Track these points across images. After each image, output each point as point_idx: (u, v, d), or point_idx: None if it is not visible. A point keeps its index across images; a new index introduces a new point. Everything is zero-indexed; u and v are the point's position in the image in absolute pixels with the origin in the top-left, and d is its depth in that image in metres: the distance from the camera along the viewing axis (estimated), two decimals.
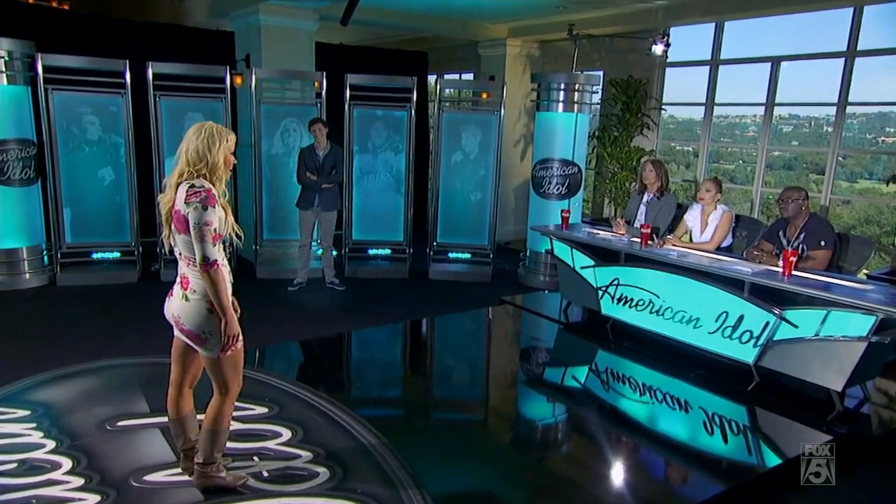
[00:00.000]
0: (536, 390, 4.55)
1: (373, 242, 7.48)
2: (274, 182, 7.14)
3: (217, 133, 2.59)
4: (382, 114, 7.26)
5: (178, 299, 2.67)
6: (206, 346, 2.67)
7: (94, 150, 6.53)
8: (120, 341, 4.95)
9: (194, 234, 2.51)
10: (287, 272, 6.90)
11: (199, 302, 2.63)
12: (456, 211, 7.40)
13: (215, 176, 2.59)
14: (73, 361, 4.42)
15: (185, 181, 2.56)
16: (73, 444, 3.35)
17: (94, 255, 6.73)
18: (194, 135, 2.57)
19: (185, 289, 2.65)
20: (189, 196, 2.52)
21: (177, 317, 2.68)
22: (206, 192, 2.54)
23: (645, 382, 4.46)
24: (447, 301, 6.47)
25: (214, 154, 2.57)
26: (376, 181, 7.35)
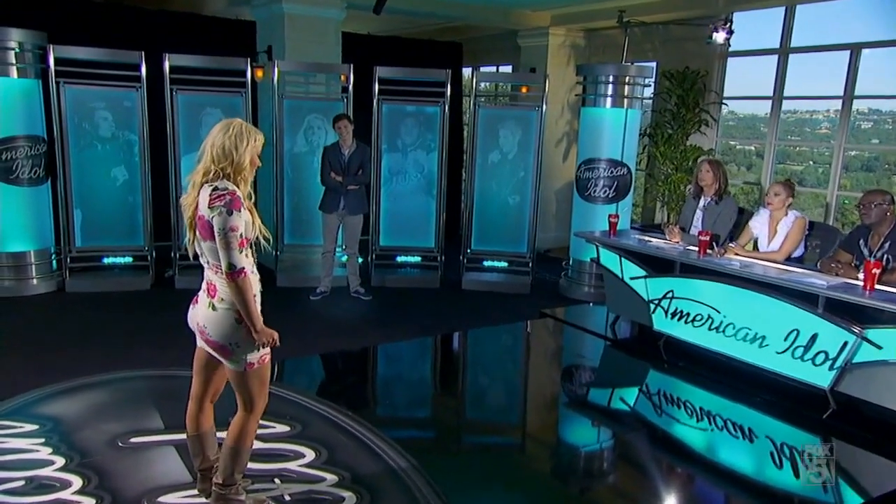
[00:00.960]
0: (580, 413, 4.51)
1: (401, 249, 7.51)
2: (296, 183, 7.22)
3: (245, 132, 2.63)
4: (413, 110, 7.30)
5: (205, 307, 2.70)
6: (232, 358, 2.70)
7: (106, 148, 6.69)
8: (132, 352, 5.04)
9: (219, 240, 2.55)
10: (309, 280, 6.97)
11: (227, 311, 2.66)
12: (492, 215, 7.39)
13: (240, 177, 2.63)
14: (82, 373, 4.51)
15: (208, 182, 2.60)
16: (83, 461, 3.41)
17: (105, 260, 6.88)
18: (221, 131, 2.61)
19: (213, 297, 2.68)
20: (213, 200, 2.55)
21: (202, 326, 2.71)
22: (231, 194, 2.57)
23: (703, 407, 4.39)
24: (482, 314, 6.47)
25: (241, 153, 2.61)
26: (406, 182, 7.39)
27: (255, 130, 2.67)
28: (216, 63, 6.74)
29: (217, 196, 2.55)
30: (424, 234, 7.46)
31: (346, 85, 7.06)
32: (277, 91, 6.95)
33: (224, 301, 2.66)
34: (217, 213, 2.53)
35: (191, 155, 6.76)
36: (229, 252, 2.55)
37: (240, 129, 2.62)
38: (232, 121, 2.65)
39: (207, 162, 2.61)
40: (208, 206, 2.55)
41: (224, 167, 2.59)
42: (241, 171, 2.63)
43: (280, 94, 7.00)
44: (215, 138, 2.61)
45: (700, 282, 4.80)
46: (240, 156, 2.61)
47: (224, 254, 2.55)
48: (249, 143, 2.63)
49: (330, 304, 6.57)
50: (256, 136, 2.66)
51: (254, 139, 2.65)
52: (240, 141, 2.60)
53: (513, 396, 4.82)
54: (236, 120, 2.65)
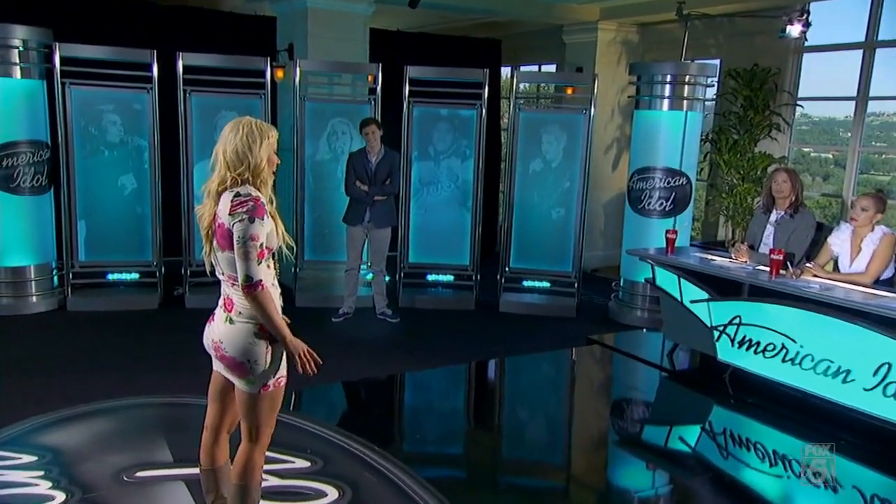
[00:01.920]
0: (632, 454, 4.47)
1: (433, 266, 7.51)
2: (318, 193, 7.28)
3: (257, 129, 2.66)
4: (447, 113, 7.33)
5: (221, 322, 2.73)
6: (247, 378, 2.72)
7: (114, 154, 6.83)
8: (139, 377, 5.09)
9: (238, 249, 2.58)
10: (331, 300, 6.99)
11: (246, 325, 2.69)
12: (533, 230, 7.38)
13: (259, 179, 2.67)
14: (85, 400, 4.56)
15: (228, 189, 2.64)
16: (85, 496, 3.44)
17: (110, 277, 6.99)
18: (231, 133, 2.64)
19: (230, 310, 2.71)
20: (234, 206, 2.59)
21: (217, 341, 2.73)
22: (254, 201, 2.60)
23: (776, 450, 4.31)
24: (521, 339, 6.45)
25: (256, 154, 2.64)
26: (438, 193, 7.41)
27: (268, 126, 2.70)
28: (233, 62, 6.85)
29: (239, 202, 2.59)
30: (458, 250, 7.46)
31: (373, 86, 7.11)
32: (299, 93, 7.02)
33: (242, 315, 2.69)
34: (238, 219, 2.57)
35: (204, 162, 6.82)
36: (247, 263, 2.57)
37: (250, 127, 2.65)
38: (240, 120, 2.68)
39: (222, 170, 2.64)
40: (229, 212, 2.59)
41: (241, 172, 2.63)
42: (260, 173, 2.66)
43: (301, 96, 7.08)
44: (226, 142, 2.64)
45: (772, 306, 4.73)
46: (256, 157, 2.64)
47: (241, 264, 2.58)
48: (263, 140, 2.66)
49: (353, 326, 6.59)
50: (270, 133, 2.69)
51: (267, 136, 2.68)
52: (253, 141, 2.63)
53: (555, 433, 4.79)
54: (245, 118, 2.68)
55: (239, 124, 2.65)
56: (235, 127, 2.64)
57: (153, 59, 6.61)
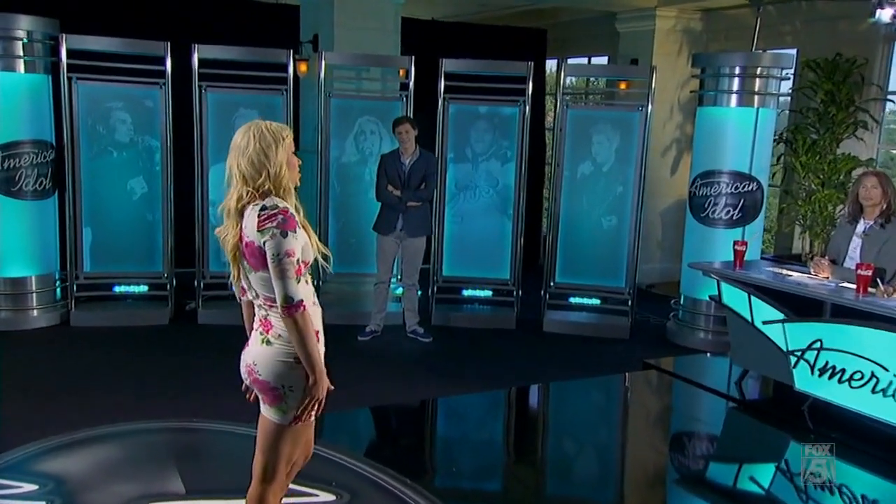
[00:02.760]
0: (695, 493, 4.41)
1: (469, 281, 7.50)
2: (344, 198, 7.31)
3: (269, 133, 2.67)
4: (486, 111, 7.33)
5: (257, 344, 2.75)
6: (279, 405, 2.73)
7: (123, 156, 6.91)
8: (148, 399, 5.12)
9: (273, 268, 2.59)
10: (357, 317, 7.00)
11: (284, 347, 2.71)
12: (582, 241, 7.34)
13: (282, 188, 2.68)
14: (89, 424, 4.59)
15: (251, 204, 2.65)
16: None
17: (117, 289, 7.07)
18: (242, 141, 2.66)
19: (267, 332, 2.73)
20: (262, 221, 2.60)
21: (251, 364, 2.75)
22: (283, 213, 2.61)
23: (866, 495, 4.22)
24: (568, 362, 6.41)
25: (274, 161, 2.65)
26: (476, 199, 7.41)
27: (279, 126, 2.72)
28: (252, 55, 6.91)
29: (267, 216, 2.60)
30: (497, 262, 7.43)
31: (405, 81, 7.13)
32: (324, 88, 7.05)
33: (282, 337, 2.71)
34: (269, 235, 2.59)
35: (221, 164, 6.77)
36: (285, 282, 2.59)
37: (260, 133, 2.67)
38: (248, 126, 2.70)
39: (239, 185, 2.67)
40: (258, 228, 2.60)
41: (261, 184, 2.65)
42: (281, 181, 2.67)
43: (327, 93, 7.11)
44: (239, 154, 2.66)
45: (860, 329, 4.64)
46: (274, 164, 2.65)
47: (279, 284, 2.60)
48: (279, 144, 2.67)
49: (382, 345, 6.60)
50: (283, 133, 2.70)
51: (281, 138, 2.69)
52: (267, 146, 2.65)
53: (606, 469, 4.75)
54: (252, 123, 2.71)
55: (247, 132, 2.67)
56: (245, 135, 2.67)
57: (166, 51, 6.69)
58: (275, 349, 2.70)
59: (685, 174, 8.27)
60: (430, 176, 6.55)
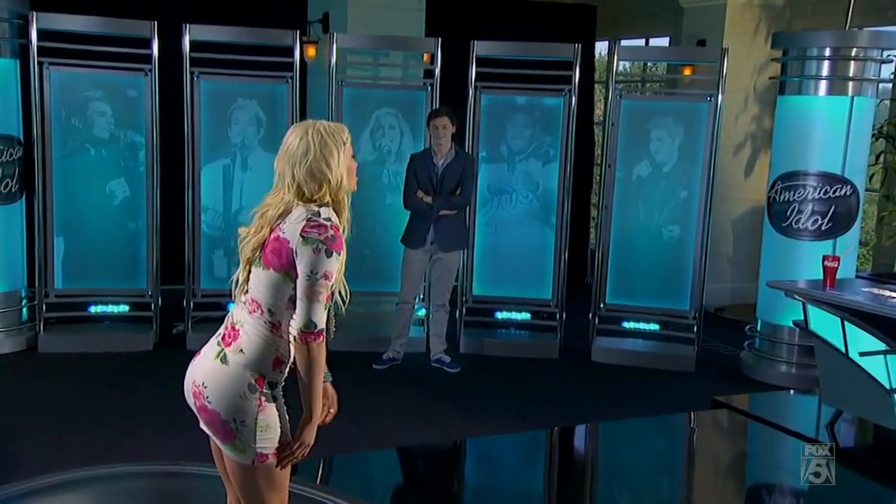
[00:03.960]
0: None
1: (504, 301, 7.49)
2: (357, 203, 6.96)
3: (330, 136, 2.71)
4: (526, 101, 7.32)
5: (210, 359, 2.73)
6: (233, 442, 2.70)
7: (102, 154, 6.94)
8: (128, 437, 5.12)
9: (304, 286, 2.61)
10: (373, 342, 7.00)
11: (242, 370, 2.68)
12: (638, 255, 7.31)
13: (340, 200, 2.75)
14: (60, 467, 4.56)
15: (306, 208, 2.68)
16: None
17: (93, 309, 7.07)
18: (300, 147, 2.69)
19: (228, 345, 2.72)
20: (309, 228, 2.62)
21: (199, 385, 2.72)
22: (334, 229, 2.65)
23: None
24: (621, 399, 6.39)
25: (336, 170, 2.70)
26: (512, 206, 7.39)
27: (338, 128, 2.76)
28: (252, 37, 6.94)
29: (315, 225, 2.63)
30: (537, 280, 7.41)
31: (431, 67, 7.13)
32: (335, 76, 7.06)
33: (243, 355, 2.69)
34: (312, 247, 2.61)
35: (215, 164, 7.01)
36: (313, 305, 2.62)
37: (321, 137, 2.70)
38: (304, 129, 2.73)
39: (287, 195, 2.71)
40: (301, 233, 2.63)
41: (320, 196, 2.70)
42: (340, 192, 2.74)
43: (339, 81, 7.11)
44: (295, 164, 2.69)
45: None
46: (336, 174, 2.71)
47: (305, 305, 2.62)
48: (339, 150, 2.72)
49: (402, 376, 6.59)
50: (343, 136, 2.74)
51: (342, 142, 2.73)
52: (329, 154, 2.69)
53: None
54: (311, 123, 2.75)
55: (306, 135, 2.70)
56: (303, 139, 2.70)
57: (153, 32, 6.71)
58: (230, 371, 2.68)
59: (763, 176, 8.20)
60: (468, 179, 6.55)
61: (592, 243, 9.03)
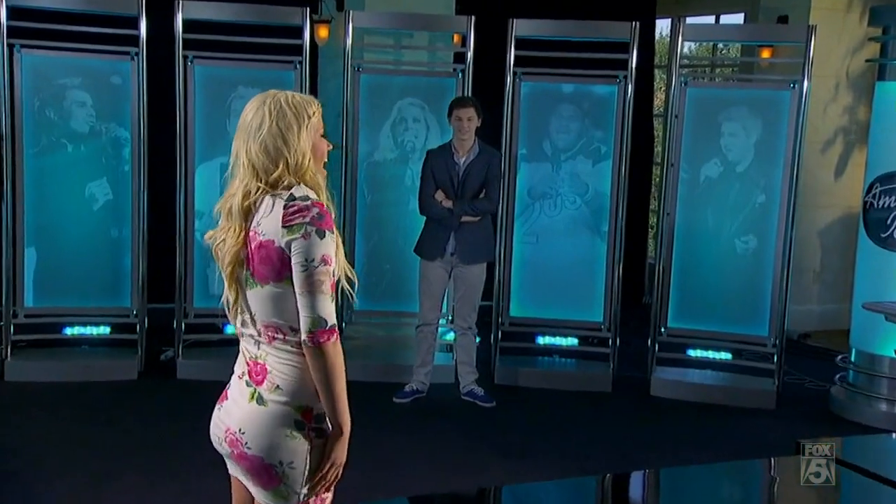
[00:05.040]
0: None
1: (546, 324, 7.46)
2: (376, 210, 7.32)
3: (289, 107, 2.70)
4: (573, 90, 7.31)
5: (244, 400, 2.73)
6: (277, 488, 2.71)
7: (80, 150, 6.94)
8: (110, 484, 5.09)
9: (302, 279, 2.59)
10: (392, 370, 7.01)
11: (284, 409, 2.68)
12: (707, 271, 7.26)
13: (306, 181, 2.70)
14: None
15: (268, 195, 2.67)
16: None
17: (68, 331, 7.07)
18: (254, 119, 2.69)
19: (259, 383, 2.71)
20: (291, 215, 2.60)
21: (236, 432, 2.72)
22: (319, 206, 2.63)
23: None
24: (686, 440, 6.36)
25: (295, 145, 2.67)
26: (557, 212, 7.36)
27: (304, 100, 2.74)
28: (256, 15, 6.95)
29: (297, 209, 2.61)
30: (586, 299, 7.38)
31: (462, 50, 7.12)
32: (351, 61, 7.06)
33: (282, 391, 2.69)
34: (301, 233, 2.59)
35: (211, 162, 7.04)
36: (317, 298, 2.59)
37: (278, 109, 2.69)
38: (264, 98, 2.73)
39: (246, 177, 2.70)
40: (283, 223, 2.61)
41: (277, 177, 2.68)
42: (304, 173, 2.70)
43: (355, 66, 7.13)
44: (249, 135, 2.69)
45: None
46: (296, 151, 2.68)
47: (308, 301, 2.60)
48: (301, 124, 2.70)
49: (426, 411, 6.58)
50: (308, 108, 2.73)
51: (306, 116, 2.71)
52: (286, 128, 2.68)
53: None
54: (270, 94, 2.74)
55: (263, 105, 2.70)
56: (259, 109, 2.70)
57: (141, 10, 6.71)
58: (270, 412, 2.69)
59: (857, 177, 8.16)
60: (493, 180, 6.52)
61: (651, 256, 9.04)
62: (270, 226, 2.63)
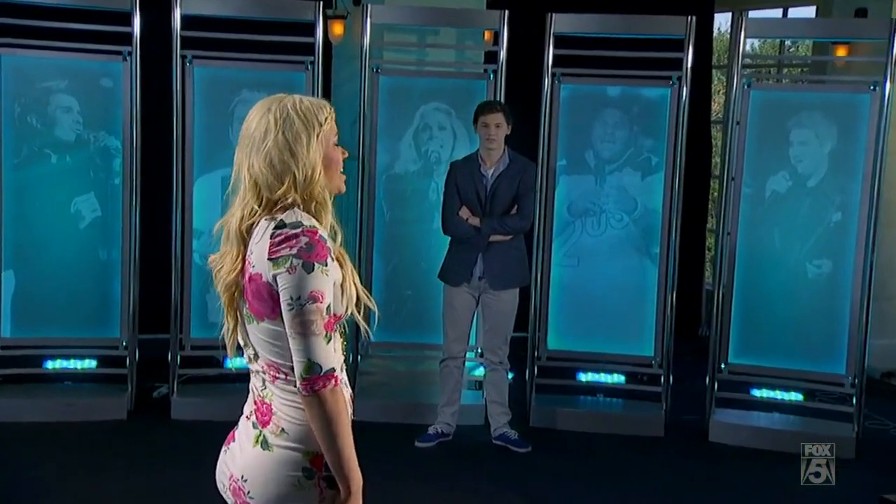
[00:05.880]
0: None
1: (589, 359, 7.42)
2: (396, 229, 7.34)
3: (297, 115, 2.69)
4: (619, 93, 7.31)
5: (248, 444, 2.74)
6: None
7: (66, 162, 6.97)
8: None
9: (291, 319, 2.58)
10: (412, 410, 7.01)
11: (291, 455, 2.67)
12: (773, 298, 7.19)
13: (313, 200, 2.69)
14: None
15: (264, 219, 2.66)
16: None
17: (49, 365, 7.07)
18: (258, 128, 2.69)
19: (265, 425, 2.72)
20: (276, 246, 2.58)
21: (238, 479, 2.73)
22: (310, 234, 2.59)
23: None
24: (750, 493, 6.29)
25: (303, 157, 2.66)
26: (600, 231, 7.34)
27: (314, 105, 2.74)
28: (262, 11, 6.99)
29: (283, 238, 2.59)
30: (634, 331, 7.38)
31: (494, 49, 7.13)
32: (368, 61, 7.07)
33: (287, 435, 2.69)
34: (286, 267, 2.57)
35: (212, 175, 7.05)
36: (308, 341, 2.58)
37: (285, 116, 2.68)
38: (266, 106, 2.72)
39: (248, 195, 2.70)
40: (269, 256, 2.60)
41: (282, 195, 2.66)
42: (312, 189, 2.69)
43: (374, 67, 7.15)
44: (252, 151, 2.68)
45: None
46: (305, 165, 2.67)
47: (299, 344, 2.58)
48: (311, 134, 2.69)
49: (453, 457, 6.55)
50: (318, 117, 2.71)
51: (316, 124, 2.70)
52: (294, 139, 2.67)
53: None
54: (276, 99, 2.74)
55: (269, 112, 2.69)
56: (264, 117, 2.70)
57: (134, 4, 6.75)
58: (276, 458, 2.68)
59: None
60: (526, 195, 6.51)
61: (709, 282, 9.04)
62: (259, 256, 2.63)
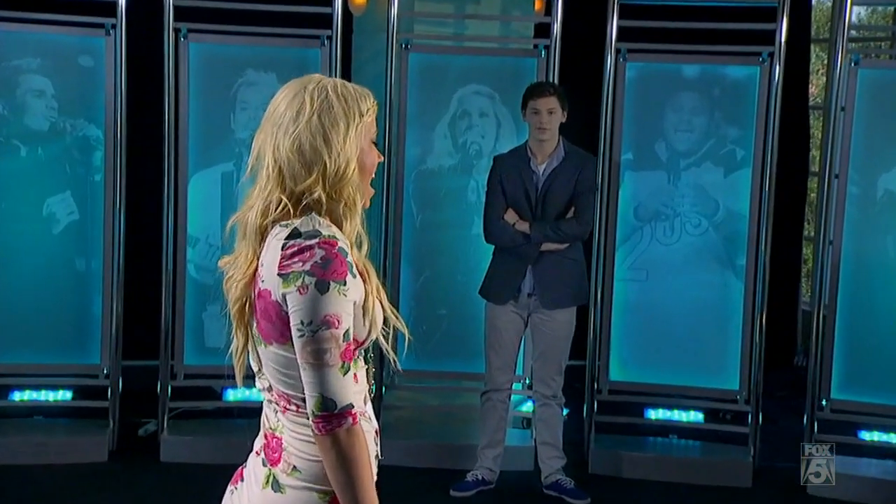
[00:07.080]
0: None
1: (660, 392, 7.44)
2: (428, 234, 7.37)
3: (340, 98, 2.71)
4: (697, 73, 7.31)
5: (258, 485, 2.79)
6: None
7: (38, 155, 7.03)
8: None
9: (300, 348, 2.59)
10: (449, 454, 7.01)
11: (306, 496, 2.71)
12: (885, 322, 7.13)
13: (342, 199, 2.71)
14: None
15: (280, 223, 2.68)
16: None
17: (16, 396, 7.12)
18: (290, 108, 2.70)
19: (275, 463, 2.75)
20: (288, 259, 2.59)
21: None
22: (327, 245, 2.60)
23: None
24: None
25: (338, 146, 2.67)
26: (674, 239, 7.34)
27: (359, 92, 2.76)
28: None
29: (297, 251, 2.60)
30: (715, 360, 7.37)
31: (546, 20, 7.14)
32: (395, 36, 7.10)
33: (300, 474, 2.71)
34: (297, 286, 2.58)
35: (209, 171, 7.12)
36: (320, 372, 2.58)
37: (325, 96, 2.70)
38: (303, 83, 2.74)
39: (270, 184, 2.71)
40: (279, 271, 2.61)
41: (308, 188, 2.67)
42: (343, 187, 2.71)
43: (402, 43, 7.18)
44: (277, 131, 2.70)
45: None
46: (339, 156, 2.68)
47: (310, 375, 2.59)
48: (350, 122, 2.70)
49: None
50: (361, 105, 2.73)
51: (357, 113, 2.72)
52: (331, 124, 2.68)
53: None
54: (311, 80, 2.75)
55: (304, 91, 2.71)
56: (298, 96, 2.72)
57: None
58: (290, 499, 2.72)
59: None
60: (585, 195, 6.52)
61: (806, 301, 9.01)
62: (269, 270, 2.64)
